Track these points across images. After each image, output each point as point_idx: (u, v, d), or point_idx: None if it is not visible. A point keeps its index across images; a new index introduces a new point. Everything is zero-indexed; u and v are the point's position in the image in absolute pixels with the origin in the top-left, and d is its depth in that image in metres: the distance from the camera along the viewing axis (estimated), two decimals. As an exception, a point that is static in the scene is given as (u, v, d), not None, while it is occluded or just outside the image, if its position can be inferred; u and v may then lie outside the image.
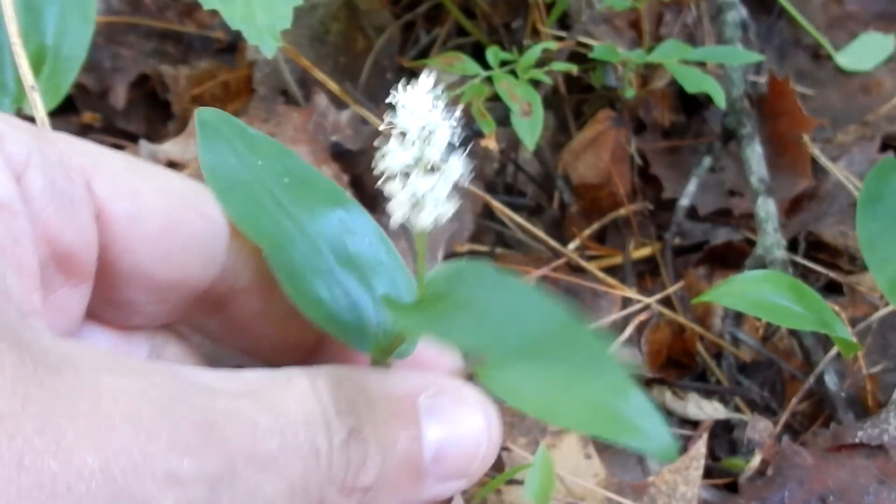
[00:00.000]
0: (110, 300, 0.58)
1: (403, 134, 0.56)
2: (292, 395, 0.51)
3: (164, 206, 0.57)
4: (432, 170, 0.57)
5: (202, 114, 0.64)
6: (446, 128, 0.57)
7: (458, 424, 0.57)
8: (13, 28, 0.94)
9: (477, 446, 0.58)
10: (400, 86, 0.57)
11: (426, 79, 0.57)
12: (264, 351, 0.64)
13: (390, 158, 0.56)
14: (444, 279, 0.61)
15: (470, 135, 1.24)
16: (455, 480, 0.57)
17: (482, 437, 0.58)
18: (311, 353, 0.64)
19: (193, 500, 0.45)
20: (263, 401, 0.49)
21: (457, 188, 0.58)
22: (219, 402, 0.47)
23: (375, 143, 0.57)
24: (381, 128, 0.57)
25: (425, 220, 0.57)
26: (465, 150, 0.58)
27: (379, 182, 0.57)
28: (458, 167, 0.57)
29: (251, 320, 0.62)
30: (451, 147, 0.58)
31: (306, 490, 0.50)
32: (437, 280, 0.61)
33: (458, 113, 0.57)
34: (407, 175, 0.57)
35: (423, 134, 0.56)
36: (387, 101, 0.57)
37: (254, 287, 0.61)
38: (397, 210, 0.57)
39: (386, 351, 0.62)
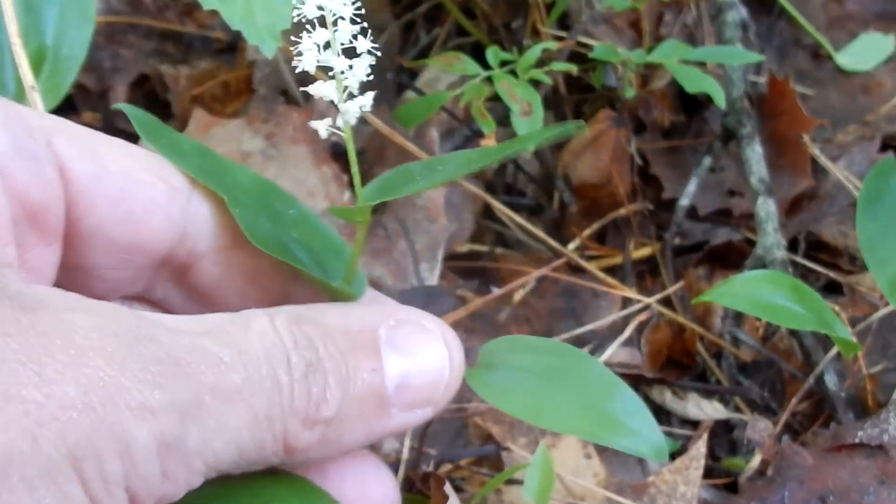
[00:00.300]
0: (76, 264, 0.59)
1: (312, 27, 0.59)
2: (253, 331, 0.52)
3: (125, 167, 0.58)
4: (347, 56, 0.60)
5: (133, 113, 0.66)
6: (348, 9, 0.59)
7: (420, 354, 0.59)
8: (13, 28, 0.94)
9: (440, 374, 0.60)
10: None
11: None
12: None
13: (305, 52, 0.59)
14: (378, 183, 0.66)
15: (470, 135, 1.25)
16: (420, 409, 0.59)
17: (444, 365, 0.60)
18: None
19: (166, 429, 0.47)
20: (225, 338, 0.51)
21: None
22: (183, 339, 0.49)
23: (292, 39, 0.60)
24: (293, 18, 0.59)
25: (352, 107, 0.60)
26: (370, 33, 0.60)
27: (305, 86, 0.60)
28: (366, 46, 0.60)
29: (212, 287, 0.63)
30: (359, 32, 0.60)
31: (270, 421, 0.51)
32: (372, 185, 0.66)
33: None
34: (326, 70, 0.59)
35: (330, 17, 0.59)
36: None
37: (213, 252, 0.62)
38: (322, 124, 0.62)
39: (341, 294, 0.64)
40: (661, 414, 1.11)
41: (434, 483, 0.83)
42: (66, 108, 1.30)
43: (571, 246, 1.24)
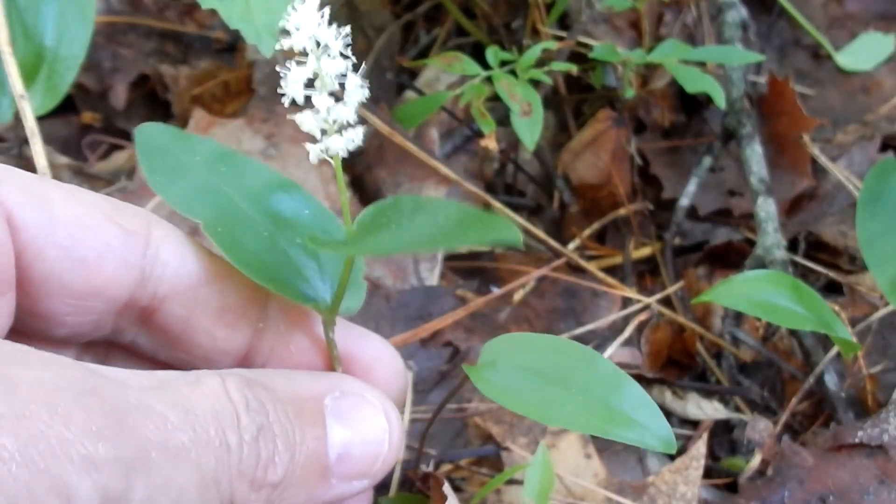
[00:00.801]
0: (32, 311, 0.58)
1: (300, 58, 0.58)
2: (202, 392, 0.52)
3: (75, 213, 0.57)
4: (333, 95, 0.59)
5: (140, 133, 0.66)
6: (338, 42, 0.59)
7: (362, 426, 0.60)
8: (4, 36, 0.94)
9: (379, 448, 0.61)
10: (289, 8, 0.58)
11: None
12: (197, 361, 0.64)
13: (291, 81, 0.58)
14: (369, 215, 0.63)
15: (470, 135, 1.25)
16: (358, 481, 0.60)
17: (384, 439, 0.61)
18: (243, 362, 0.65)
19: (109, 484, 0.46)
20: (173, 396, 0.51)
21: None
22: (130, 394, 0.49)
23: (278, 69, 0.58)
24: (284, 45, 0.58)
25: (337, 143, 0.59)
26: (361, 71, 0.60)
27: (288, 113, 0.59)
28: (355, 83, 0.60)
29: (179, 329, 0.63)
30: (348, 68, 0.60)
31: (217, 483, 0.51)
32: (363, 217, 0.63)
33: (347, 29, 0.59)
34: (312, 103, 0.58)
35: (318, 50, 0.58)
36: (280, 25, 0.59)
37: (177, 294, 0.61)
38: (315, 149, 0.59)
39: (332, 308, 0.64)
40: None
41: (433, 483, 0.83)
42: (67, 108, 1.30)
43: (571, 246, 1.24)
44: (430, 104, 1.18)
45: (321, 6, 0.58)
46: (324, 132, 0.60)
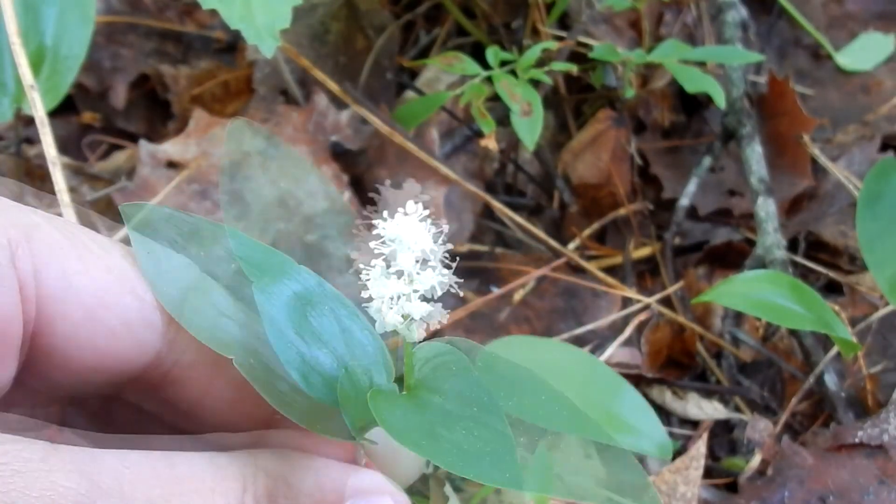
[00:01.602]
0: (30, 382, 0.54)
1: (389, 262, 0.52)
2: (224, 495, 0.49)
3: (95, 286, 0.52)
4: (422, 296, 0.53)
5: (128, 212, 0.58)
6: (439, 252, 0.52)
7: None
8: (13, 28, 0.94)
9: None
10: (385, 213, 0.51)
11: (413, 206, 0.52)
12: (206, 429, 0.60)
13: (379, 287, 0.52)
14: (430, 364, 0.56)
15: (470, 135, 1.25)
16: None
17: None
18: (259, 426, 0.60)
19: None
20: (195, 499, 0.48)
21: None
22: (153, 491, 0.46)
23: (360, 266, 0.52)
24: (372, 246, 0.52)
25: (418, 333, 0.53)
26: (452, 267, 0.53)
27: (363, 300, 0.53)
28: (449, 282, 0.53)
29: (188, 406, 0.58)
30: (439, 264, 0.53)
31: None
32: (424, 362, 0.56)
33: (445, 228, 0.52)
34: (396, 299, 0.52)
35: (416, 268, 0.52)
36: (365, 217, 0.52)
37: (196, 369, 0.57)
38: (383, 327, 0.53)
39: (367, 426, 0.60)
40: (661, 414, 1.10)
41: (434, 484, 0.83)
42: (66, 108, 1.30)
43: (571, 246, 1.24)
44: (430, 104, 1.18)
45: (420, 217, 0.51)
46: (403, 323, 0.53)
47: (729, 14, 1.34)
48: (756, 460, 0.99)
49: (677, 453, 1.03)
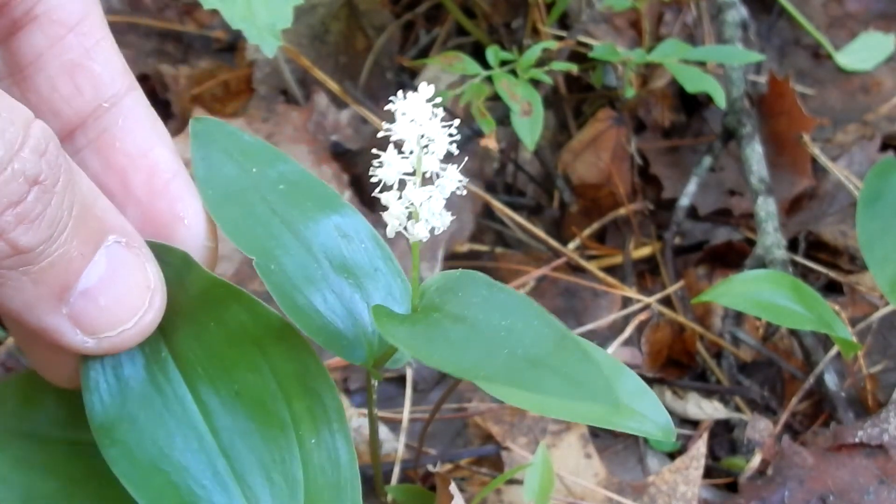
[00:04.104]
0: None
1: (400, 142, 0.56)
2: (9, 104, 0.50)
3: None
4: (429, 180, 0.57)
5: (195, 124, 0.64)
6: (444, 137, 0.56)
7: (125, 283, 0.57)
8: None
9: (125, 314, 0.57)
10: (399, 93, 0.56)
11: (425, 87, 0.56)
12: (25, 103, 0.59)
13: (387, 168, 0.56)
14: (438, 290, 0.61)
15: (470, 135, 1.25)
16: (89, 335, 0.56)
17: (138, 308, 0.57)
18: (66, 134, 0.62)
19: None
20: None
21: (451, 194, 0.58)
22: None
23: (373, 151, 0.57)
24: (380, 135, 0.57)
25: (421, 231, 0.57)
26: (461, 162, 0.57)
27: (376, 190, 0.57)
28: (454, 178, 0.57)
29: (28, 59, 0.60)
30: (448, 156, 0.58)
31: None
32: (430, 290, 0.61)
33: (456, 122, 0.57)
34: (403, 184, 0.57)
35: (421, 143, 0.56)
36: (385, 107, 0.57)
37: (51, 22, 0.60)
38: (392, 220, 0.57)
39: (380, 359, 0.62)
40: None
41: (440, 483, 0.83)
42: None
43: (571, 246, 1.24)
44: (431, 104, 1.18)
45: (432, 95, 0.56)
46: (409, 216, 0.57)
47: (729, 14, 1.34)
48: (756, 460, 0.99)
49: (677, 453, 1.03)
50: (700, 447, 0.96)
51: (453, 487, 0.80)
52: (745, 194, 1.27)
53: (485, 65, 1.14)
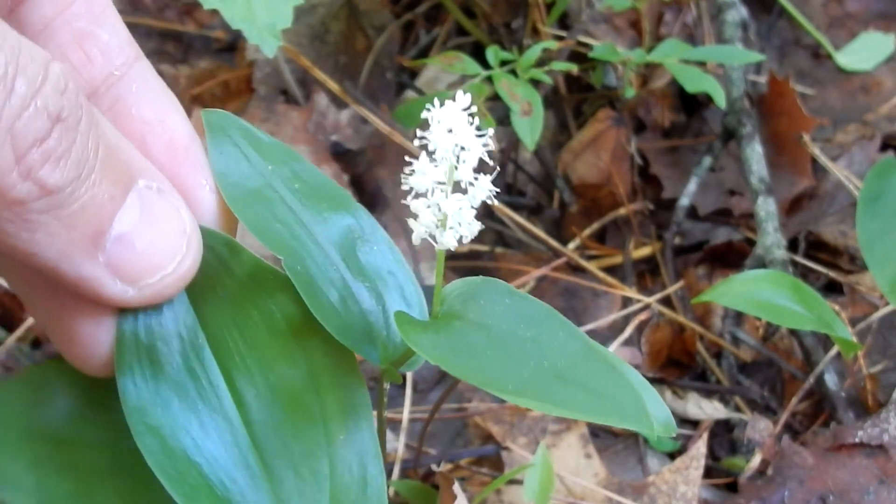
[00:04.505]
0: None
1: (433, 150, 0.56)
2: (28, 44, 0.49)
3: None
4: (459, 187, 0.57)
5: (210, 116, 0.64)
6: (479, 146, 0.56)
7: (160, 228, 0.56)
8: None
9: (165, 258, 0.56)
10: (435, 101, 0.56)
11: (462, 96, 0.56)
12: None
13: (419, 176, 0.56)
14: (459, 296, 0.60)
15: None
16: (128, 283, 0.56)
17: (176, 252, 0.57)
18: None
19: None
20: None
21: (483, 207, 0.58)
22: None
23: (406, 158, 0.56)
24: (415, 143, 0.56)
25: (450, 240, 0.56)
26: (493, 171, 0.57)
27: (407, 198, 0.57)
28: (486, 188, 0.56)
29: (37, 30, 0.60)
30: (480, 166, 0.57)
31: None
32: (451, 297, 0.60)
33: (490, 132, 0.56)
34: (433, 192, 0.56)
35: (455, 152, 0.55)
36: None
37: None
38: (420, 228, 0.56)
39: (397, 362, 0.62)
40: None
41: (442, 482, 0.83)
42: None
43: (571, 245, 1.24)
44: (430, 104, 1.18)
45: (465, 107, 0.55)
46: (437, 224, 0.57)
47: (729, 14, 1.34)
48: (756, 460, 0.99)
49: (677, 453, 1.03)
50: (700, 447, 0.96)
51: (456, 487, 0.80)
52: (745, 194, 1.27)
53: (485, 65, 1.14)
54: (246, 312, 0.61)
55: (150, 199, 0.56)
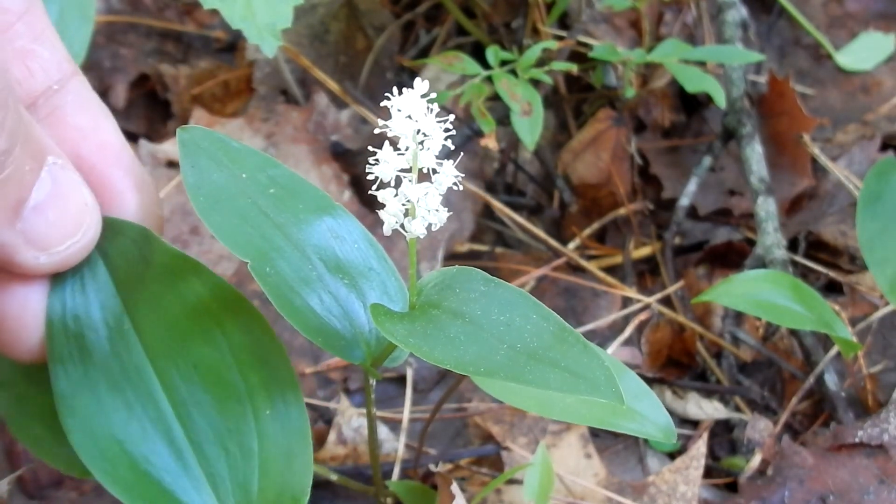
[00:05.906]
0: None
1: (396, 139, 0.57)
2: None
3: None
4: (426, 176, 0.58)
5: (183, 133, 0.67)
6: (440, 133, 0.57)
7: (66, 199, 0.61)
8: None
9: (73, 226, 0.62)
10: (395, 90, 0.57)
11: (421, 83, 0.57)
12: None
13: (383, 165, 0.57)
14: (436, 286, 0.61)
15: (470, 135, 1.25)
16: (41, 251, 0.61)
17: (81, 221, 0.62)
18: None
19: None
20: None
21: (451, 193, 0.58)
22: None
23: (370, 147, 0.58)
24: (376, 131, 0.57)
25: (418, 227, 0.57)
26: (457, 157, 0.58)
27: (373, 188, 0.58)
28: (450, 173, 0.58)
29: None
30: (444, 152, 0.58)
31: None
32: (428, 287, 0.61)
33: (451, 118, 0.57)
34: (400, 182, 0.57)
35: (417, 139, 0.56)
36: (382, 104, 0.57)
37: None
38: (389, 218, 0.58)
39: (378, 358, 0.63)
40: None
41: (441, 482, 0.83)
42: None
43: (571, 245, 1.24)
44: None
45: (424, 93, 0.57)
46: (405, 213, 0.58)
47: (729, 14, 1.34)
48: (756, 460, 0.99)
49: (677, 453, 1.03)
50: (700, 447, 0.96)
51: (455, 487, 0.80)
52: (745, 194, 1.27)
53: (485, 65, 1.14)
54: (163, 298, 0.64)
55: (58, 173, 0.61)
